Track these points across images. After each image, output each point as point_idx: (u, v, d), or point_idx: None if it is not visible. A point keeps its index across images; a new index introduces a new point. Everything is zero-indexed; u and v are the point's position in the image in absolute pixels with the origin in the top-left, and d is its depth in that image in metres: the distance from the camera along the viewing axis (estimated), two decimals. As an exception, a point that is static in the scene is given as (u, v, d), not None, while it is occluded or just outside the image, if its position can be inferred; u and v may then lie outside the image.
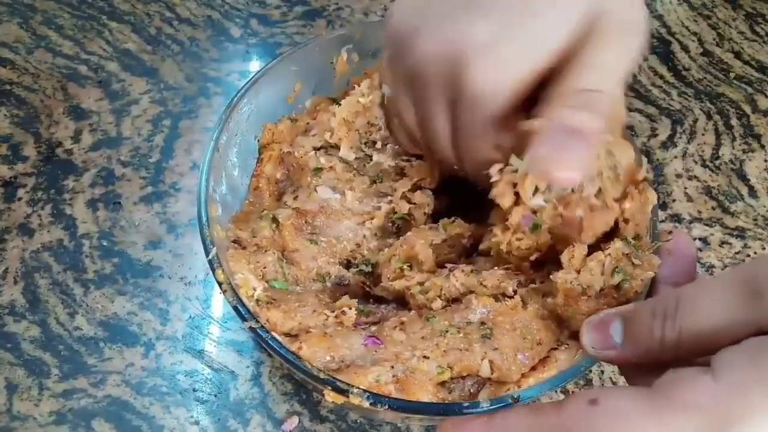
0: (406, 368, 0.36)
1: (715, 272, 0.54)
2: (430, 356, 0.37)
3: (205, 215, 0.39)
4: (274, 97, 0.46)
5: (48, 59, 0.62)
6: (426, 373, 0.36)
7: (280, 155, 0.46)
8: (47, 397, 0.46)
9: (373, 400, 0.33)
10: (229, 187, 0.43)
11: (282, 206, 0.44)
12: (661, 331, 0.29)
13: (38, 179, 0.55)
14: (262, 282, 0.40)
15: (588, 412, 0.28)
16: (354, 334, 0.38)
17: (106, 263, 0.51)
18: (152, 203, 0.54)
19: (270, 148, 0.47)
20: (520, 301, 0.39)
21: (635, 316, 0.31)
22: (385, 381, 0.36)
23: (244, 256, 0.40)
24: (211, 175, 0.40)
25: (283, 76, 0.46)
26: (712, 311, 0.28)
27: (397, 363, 0.36)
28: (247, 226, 0.43)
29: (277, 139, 0.47)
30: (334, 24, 0.66)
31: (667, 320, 0.29)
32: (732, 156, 0.61)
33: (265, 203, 0.45)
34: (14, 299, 0.49)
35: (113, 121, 0.58)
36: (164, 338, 0.48)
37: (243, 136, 0.45)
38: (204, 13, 0.66)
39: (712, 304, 0.28)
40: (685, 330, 0.28)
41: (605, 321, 0.32)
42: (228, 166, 0.43)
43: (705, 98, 0.64)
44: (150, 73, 0.61)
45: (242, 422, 0.45)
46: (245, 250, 0.41)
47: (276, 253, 0.42)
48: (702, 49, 0.68)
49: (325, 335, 0.38)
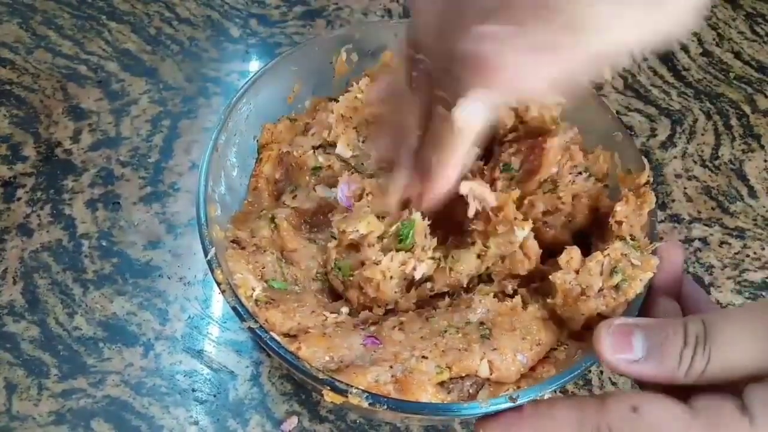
0: (405, 368, 0.36)
1: (714, 272, 0.54)
2: (429, 356, 0.37)
3: (204, 215, 0.38)
4: (273, 97, 0.46)
5: (48, 59, 0.62)
6: (425, 373, 0.36)
7: (279, 155, 0.46)
8: (46, 397, 0.46)
9: (371, 400, 0.33)
10: (228, 187, 0.43)
11: (281, 206, 0.44)
12: (690, 360, 0.29)
13: (38, 179, 0.55)
14: (261, 282, 0.40)
15: (630, 420, 0.29)
16: (353, 334, 0.38)
17: (106, 263, 0.51)
18: (151, 203, 0.54)
19: (269, 148, 0.47)
20: (521, 302, 0.39)
21: (662, 336, 0.30)
22: (384, 381, 0.36)
23: (243, 257, 0.40)
24: (210, 175, 0.40)
25: (282, 76, 0.46)
26: (743, 345, 0.28)
27: (396, 363, 0.36)
28: (246, 226, 0.43)
29: (276, 139, 0.47)
30: (334, 24, 0.66)
31: (698, 349, 0.29)
32: (731, 156, 0.61)
33: (264, 203, 0.45)
34: (13, 299, 0.49)
35: (112, 121, 0.58)
36: (163, 338, 0.48)
37: (242, 137, 0.45)
38: (203, 13, 0.66)
39: (743, 336, 0.29)
40: (714, 360, 0.29)
41: (625, 330, 0.31)
42: (227, 166, 0.43)
43: (705, 98, 0.64)
44: (149, 73, 0.61)
45: (241, 422, 0.45)
46: (244, 250, 0.41)
47: (275, 253, 0.42)
48: (702, 49, 0.68)
49: (324, 335, 0.38)
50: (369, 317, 0.40)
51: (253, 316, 0.35)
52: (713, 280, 0.54)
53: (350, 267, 0.39)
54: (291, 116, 0.48)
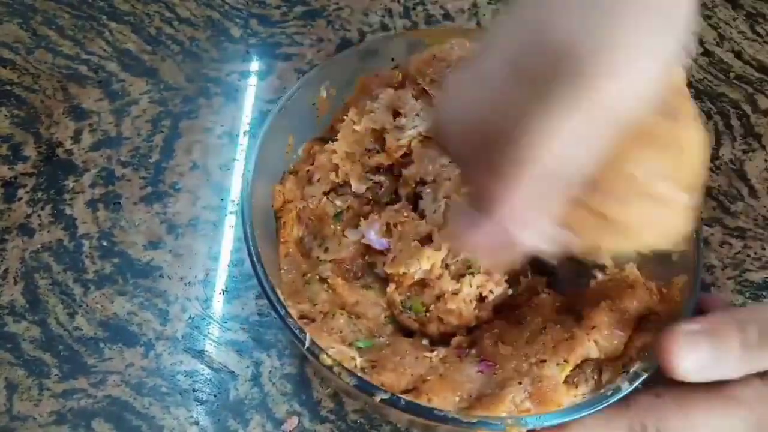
0: (533, 379, 0.35)
1: (715, 272, 0.54)
2: (546, 358, 0.36)
3: (282, 306, 0.37)
4: (273, 156, 0.45)
5: (48, 59, 0.62)
6: (551, 377, 0.35)
7: (298, 213, 0.44)
8: (47, 397, 0.46)
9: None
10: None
11: (317, 263, 0.42)
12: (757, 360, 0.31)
13: (38, 179, 0.55)
14: (351, 348, 0.38)
15: (654, 404, 0.32)
16: (464, 364, 0.37)
17: (106, 263, 0.51)
18: (152, 203, 0.54)
19: (287, 209, 0.45)
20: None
21: (728, 341, 0.32)
22: (520, 400, 0.35)
23: (320, 329, 0.39)
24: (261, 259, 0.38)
25: (278, 135, 0.45)
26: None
27: (522, 377, 0.35)
28: (301, 297, 0.41)
29: (288, 198, 0.45)
30: (334, 24, 0.66)
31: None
32: (732, 156, 0.61)
33: (302, 267, 0.43)
34: (14, 299, 0.49)
35: (113, 121, 0.58)
36: (164, 338, 0.48)
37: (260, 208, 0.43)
38: (204, 14, 0.66)
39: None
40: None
41: (691, 339, 0.32)
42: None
43: (705, 98, 0.64)
44: (150, 74, 0.61)
45: (242, 422, 0.45)
46: (315, 322, 0.39)
47: (344, 313, 0.40)
48: (702, 49, 0.68)
49: (441, 377, 0.36)
50: (461, 341, 0.39)
51: (372, 386, 0.34)
52: (714, 280, 0.54)
53: (422, 303, 0.38)
54: (291, 168, 0.47)
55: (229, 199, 0.55)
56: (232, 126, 0.59)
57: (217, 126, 0.59)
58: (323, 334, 0.38)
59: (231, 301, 0.50)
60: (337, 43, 0.64)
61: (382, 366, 0.37)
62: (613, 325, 0.37)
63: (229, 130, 0.58)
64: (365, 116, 0.44)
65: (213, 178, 0.56)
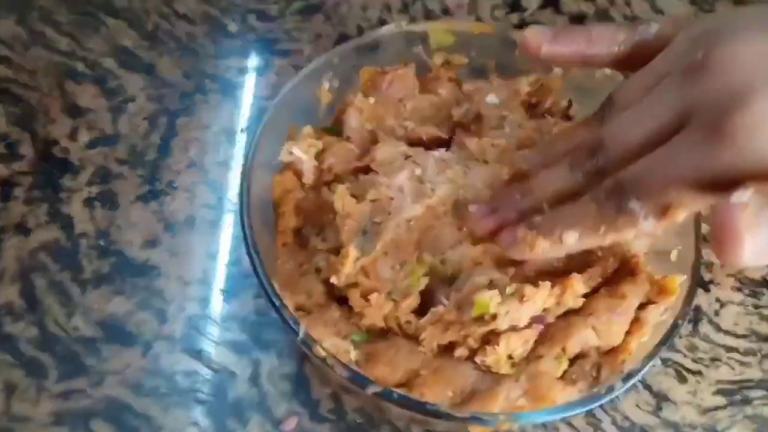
0: (528, 375, 0.35)
1: (714, 269, 0.54)
2: (544, 353, 0.36)
3: (277, 299, 0.37)
4: (274, 149, 0.45)
5: (44, 56, 0.61)
6: (546, 373, 0.35)
7: (296, 203, 0.44)
8: (46, 397, 0.46)
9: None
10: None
11: (314, 253, 0.42)
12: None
13: (35, 178, 0.54)
14: (345, 341, 0.38)
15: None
16: (459, 360, 0.37)
17: (104, 263, 0.51)
18: (149, 202, 0.54)
19: (287, 200, 0.45)
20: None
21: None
22: (515, 396, 0.35)
23: (315, 321, 0.39)
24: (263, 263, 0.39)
25: (280, 125, 0.46)
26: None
27: (518, 374, 0.35)
28: (298, 288, 0.41)
29: (288, 187, 0.45)
30: (333, 20, 0.65)
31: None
32: (732, 152, 0.60)
33: (299, 258, 0.43)
34: (11, 300, 0.49)
35: (110, 118, 0.58)
36: (162, 338, 0.48)
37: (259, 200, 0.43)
38: (201, 9, 0.65)
39: None
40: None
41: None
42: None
43: (705, 94, 0.64)
44: (147, 70, 0.61)
45: (241, 422, 0.45)
46: (311, 314, 0.39)
47: (340, 307, 0.40)
48: (703, 44, 0.67)
49: (436, 373, 0.36)
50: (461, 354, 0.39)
51: (367, 380, 0.34)
52: (713, 278, 0.53)
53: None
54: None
55: (226, 198, 0.54)
56: (230, 123, 0.58)
57: (215, 123, 0.58)
58: (318, 327, 0.38)
59: (230, 300, 0.50)
60: (335, 39, 0.64)
61: (376, 359, 0.38)
62: (610, 310, 0.36)
63: (226, 128, 0.58)
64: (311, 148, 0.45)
65: (210, 175, 0.56)
